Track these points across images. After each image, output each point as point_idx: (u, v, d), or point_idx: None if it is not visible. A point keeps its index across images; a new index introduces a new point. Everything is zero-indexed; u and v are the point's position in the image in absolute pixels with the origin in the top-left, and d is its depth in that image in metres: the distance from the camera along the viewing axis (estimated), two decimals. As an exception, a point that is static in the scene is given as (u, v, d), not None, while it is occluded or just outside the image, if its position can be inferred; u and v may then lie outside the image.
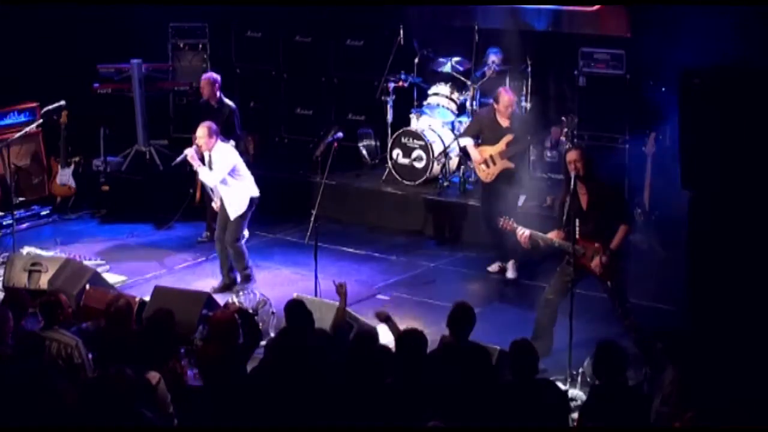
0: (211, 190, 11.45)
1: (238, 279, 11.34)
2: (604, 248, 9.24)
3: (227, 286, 11.23)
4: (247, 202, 11.11)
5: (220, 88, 12.54)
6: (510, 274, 11.65)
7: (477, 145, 11.66)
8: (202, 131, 11.01)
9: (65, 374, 7.65)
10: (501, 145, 11.40)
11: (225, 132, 12.45)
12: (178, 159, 11.34)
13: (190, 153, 11.08)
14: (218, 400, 7.44)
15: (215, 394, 7.57)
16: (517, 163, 11.51)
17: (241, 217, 11.11)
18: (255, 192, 11.20)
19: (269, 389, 7.43)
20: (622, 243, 9.29)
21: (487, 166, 11.51)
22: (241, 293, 10.51)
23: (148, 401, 7.12)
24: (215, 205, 11.45)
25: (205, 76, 12.79)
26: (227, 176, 11.02)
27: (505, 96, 11.41)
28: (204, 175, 11.11)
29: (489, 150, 11.47)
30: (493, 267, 11.84)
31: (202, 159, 11.14)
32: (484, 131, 11.61)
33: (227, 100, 12.61)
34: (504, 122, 11.43)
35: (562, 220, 9.38)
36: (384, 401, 7.22)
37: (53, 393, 7.02)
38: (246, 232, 11.34)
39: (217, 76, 12.68)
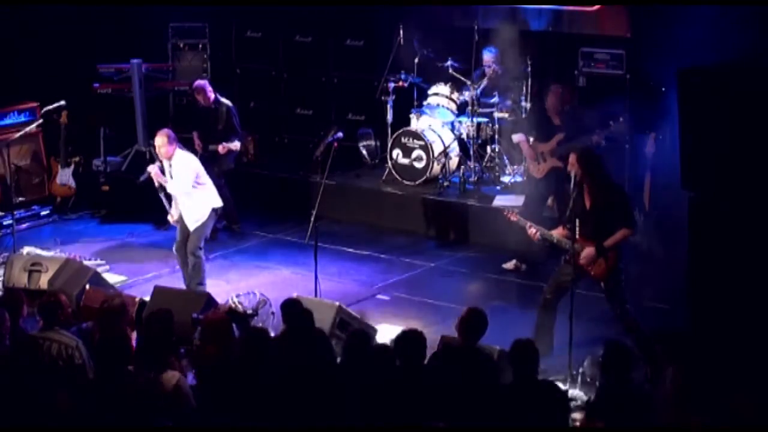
0: (168, 203, 11.08)
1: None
2: (598, 249, 9.24)
3: None
4: (207, 212, 10.87)
5: (214, 90, 12.56)
6: (509, 265, 11.80)
7: (528, 141, 11.80)
8: (161, 139, 10.74)
9: (65, 376, 7.64)
10: (552, 143, 11.51)
11: (225, 131, 12.47)
12: (143, 177, 11.19)
13: (153, 170, 10.86)
14: (214, 400, 7.44)
15: (212, 394, 7.57)
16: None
17: (202, 226, 10.89)
18: (217, 202, 10.99)
19: (267, 389, 7.43)
20: (618, 244, 9.28)
21: (538, 162, 11.66)
22: (241, 294, 10.52)
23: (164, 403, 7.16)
24: (171, 218, 11.10)
25: (194, 85, 12.83)
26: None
27: (550, 94, 11.60)
28: (172, 187, 10.83)
29: (541, 147, 11.61)
30: (509, 264, 11.85)
31: (163, 172, 10.92)
32: (538, 127, 11.78)
33: (224, 100, 12.65)
34: (555, 119, 11.57)
35: (567, 218, 9.41)
36: (384, 401, 7.23)
37: (47, 395, 7.02)
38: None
39: (204, 82, 12.72)
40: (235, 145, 12.50)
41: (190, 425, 7.26)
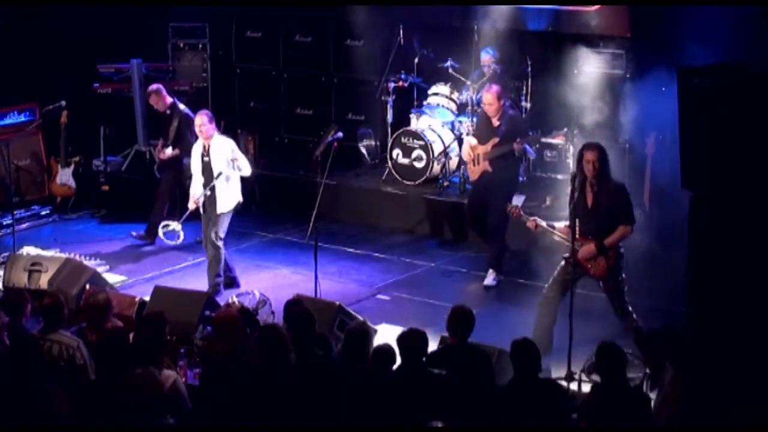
0: (209, 188, 11.08)
1: (238, 281, 11.35)
2: (598, 246, 9.25)
3: (227, 285, 11.22)
4: (234, 203, 11.05)
5: (173, 95, 12.61)
6: (488, 281, 11.42)
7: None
8: (201, 119, 10.98)
9: (66, 376, 7.63)
10: (487, 146, 11.29)
11: (176, 139, 12.39)
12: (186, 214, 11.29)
13: (194, 203, 11.07)
14: (222, 399, 7.43)
15: (219, 392, 7.56)
16: (499, 166, 11.28)
17: (225, 216, 11.03)
18: (240, 197, 11.15)
19: (270, 388, 7.42)
20: (618, 242, 9.28)
21: (474, 164, 11.48)
22: (241, 293, 10.53)
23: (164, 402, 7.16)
24: (193, 204, 11.14)
25: (149, 89, 12.76)
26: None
27: (486, 94, 11.31)
28: (243, 172, 11.00)
29: (479, 149, 11.40)
30: (489, 280, 11.57)
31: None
32: (479, 129, 11.60)
33: (182, 107, 12.58)
34: (495, 122, 11.31)
35: (568, 217, 9.43)
36: (384, 400, 7.23)
37: (45, 395, 7.01)
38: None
39: (159, 85, 12.72)
40: (168, 150, 12.52)
41: (186, 425, 7.25)
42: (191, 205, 11.18)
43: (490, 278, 11.42)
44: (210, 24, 15.65)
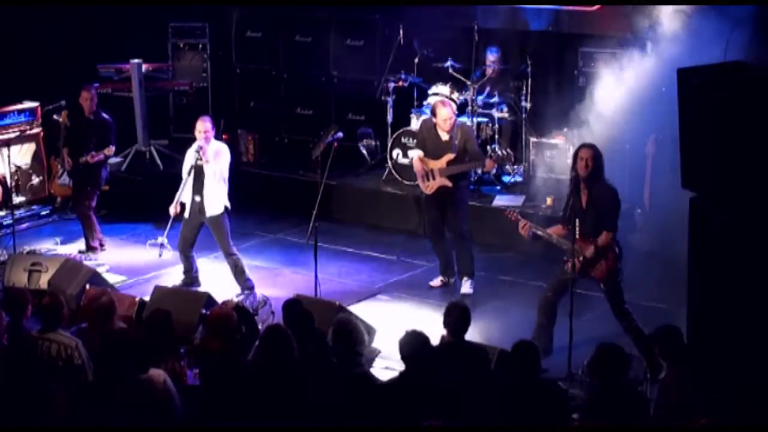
0: (182, 191, 11.05)
1: (197, 279, 11.33)
2: (597, 248, 9.26)
3: (187, 284, 11.19)
4: (222, 207, 10.99)
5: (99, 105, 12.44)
6: (465, 289, 11.25)
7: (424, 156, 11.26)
8: (204, 125, 10.94)
9: (64, 376, 7.63)
10: (442, 162, 11.05)
11: (99, 144, 12.24)
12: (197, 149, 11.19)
13: (174, 209, 11.00)
14: (217, 397, 7.43)
15: (215, 390, 7.55)
16: (458, 179, 11.08)
17: (220, 224, 10.99)
18: (227, 202, 11.09)
19: (268, 386, 7.42)
20: (608, 245, 9.30)
21: (427, 179, 11.17)
22: (241, 294, 10.53)
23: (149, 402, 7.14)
24: (174, 210, 11.05)
25: (86, 87, 12.48)
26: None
27: (442, 109, 11.06)
28: (210, 168, 10.92)
29: (431, 164, 11.13)
30: (435, 281, 11.54)
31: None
32: (427, 143, 11.25)
33: (105, 115, 12.42)
34: (444, 136, 11.07)
35: (566, 217, 9.44)
36: (384, 400, 7.23)
37: (44, 395, 7.01)
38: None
39: (94, 90, 12.52)
40: (110, 150, 12.28)
41: (176, 425, 7.24)
42: (171, 211, 11.06)
43: (466, 286, 11.25)
44: (210, 24, 15.66)
